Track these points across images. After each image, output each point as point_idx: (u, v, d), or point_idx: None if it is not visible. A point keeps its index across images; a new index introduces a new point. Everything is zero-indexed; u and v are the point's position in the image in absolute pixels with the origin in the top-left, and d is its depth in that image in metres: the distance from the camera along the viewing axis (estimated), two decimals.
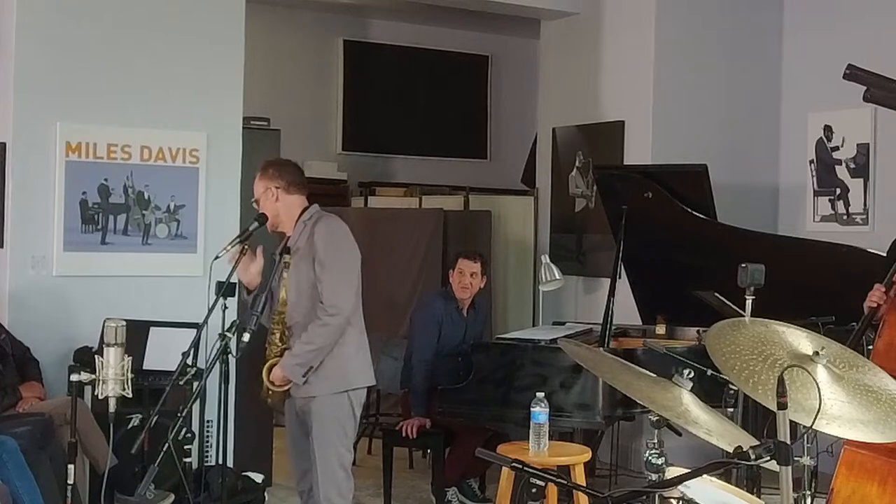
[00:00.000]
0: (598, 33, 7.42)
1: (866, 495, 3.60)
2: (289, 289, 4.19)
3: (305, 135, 8.91)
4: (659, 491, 2.50)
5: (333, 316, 4.11)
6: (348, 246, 4.27)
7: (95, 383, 4.36)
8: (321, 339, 4.12)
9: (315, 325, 4.12)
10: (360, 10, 9.26)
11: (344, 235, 4.27)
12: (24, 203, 5.62)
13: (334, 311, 4.11)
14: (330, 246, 4.18)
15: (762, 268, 4.28)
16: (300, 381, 4.14)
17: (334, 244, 4.21)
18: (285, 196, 4.28)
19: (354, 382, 4.25)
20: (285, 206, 4.29)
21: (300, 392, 4.19)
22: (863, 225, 6.78)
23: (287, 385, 4.18)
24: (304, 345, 4.13)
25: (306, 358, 4.12)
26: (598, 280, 7.11)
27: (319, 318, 4.11)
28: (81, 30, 5.74)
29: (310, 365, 4.12)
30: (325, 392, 4.17)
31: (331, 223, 4.26)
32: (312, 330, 4.12)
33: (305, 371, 4.12)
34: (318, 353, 4.13)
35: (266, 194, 4.29)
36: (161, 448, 3.75)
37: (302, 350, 4.13)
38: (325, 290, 4.12)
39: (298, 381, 4.14)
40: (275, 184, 4.28)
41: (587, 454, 5.05)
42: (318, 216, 4.28)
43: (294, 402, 4.27)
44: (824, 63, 6.74)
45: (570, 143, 7.61)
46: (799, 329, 2.58)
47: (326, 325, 4.11)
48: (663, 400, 2.67)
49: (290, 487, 6.24)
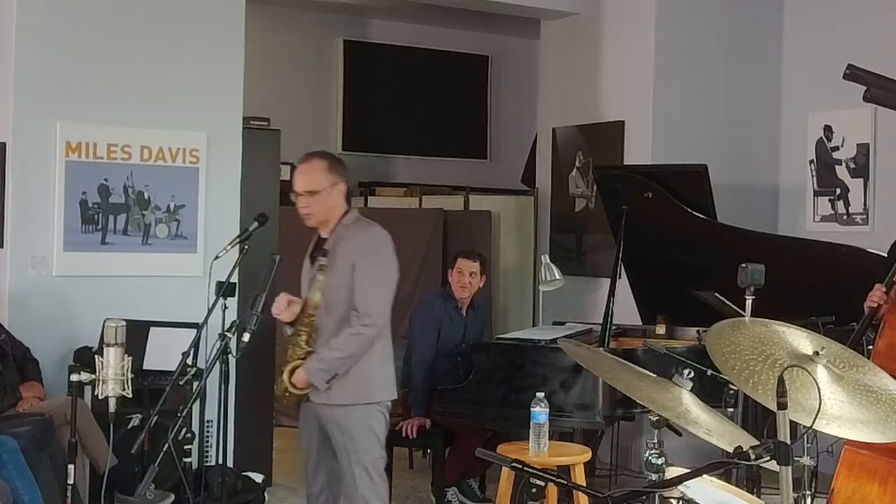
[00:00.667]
0: (598, 33, 7.42)
1: (867, 495, 3.60)
2: (322, 292, 4.05)
3: (305, 135, 8.89)
4: (659, 491, 2.50)
5: (367, 326, 3.99)
6: (389, 257, 4.13)
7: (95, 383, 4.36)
8: (351, 347, 4.00)
9: (347, 332, 4.00)
10: (360, 10, 9.26)
11: (386, 246, 4.13)
12: (24, 203, 5.62)
13: (368, 320, 3.99)
14: (373, 255, 4.06)
15: (762, 268, 4.28)
16: (323, 387, 4.01)
17: (377, 254, 4.08)
18: (342, 197, 4.14)
19: (377, 395, 4.11)
20: (339, 206, 4.13)
21: (320, 398, 4.06)
22: (863, 225, 6.78)
23: (308, 389, 4.06)
24: (332, 351, 4.00)
25: (333, 365, 4.00)
26: (598, 280, 7.11)
27: (352, 326, 3.99)
28: (81, 30, 5.74)
29: (335, 372, 4.00)
30: (346, 401, 4.04)
31: (375, 231, 4.13)
32: (343, 337, 4.00)
33: (330, 378, 4.00)
34: (345, 362, 4.01)
35: (332, 190, 4.08)
36: (161, 448, 3.75)
37: (330, 356, 4.00)
38: (362, 299, 4.00)
39: (321, 386, 4.01)
40: (344, 181, 4.13)
41: (587, 454, 5.05)
42: (360, 221, 4.15)
43: (312, 406, 4.12)
44: (824, 63, 6.74)
45: (570, 143, 7.61)
46: (799, 329, 2.58)
47: (359, 335, 3.99)
48: (663, 400, 2.67)
49: (291, 487, 6.26)
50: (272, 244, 5.84)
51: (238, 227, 5.80)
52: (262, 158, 6.32)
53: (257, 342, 4.46)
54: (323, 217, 4.10)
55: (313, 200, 4.06)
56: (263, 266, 4.16)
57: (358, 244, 4.05)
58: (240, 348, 4.03)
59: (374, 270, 4.04)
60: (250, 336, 3.96)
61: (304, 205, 4.08)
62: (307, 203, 4.07)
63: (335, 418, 4.05)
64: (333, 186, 4.08)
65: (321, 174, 4.09)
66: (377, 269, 4.06)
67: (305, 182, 4.08)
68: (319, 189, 4.06)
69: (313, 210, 4.08)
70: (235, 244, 4.29)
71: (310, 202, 4.07)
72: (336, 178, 4.09)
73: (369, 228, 4.14)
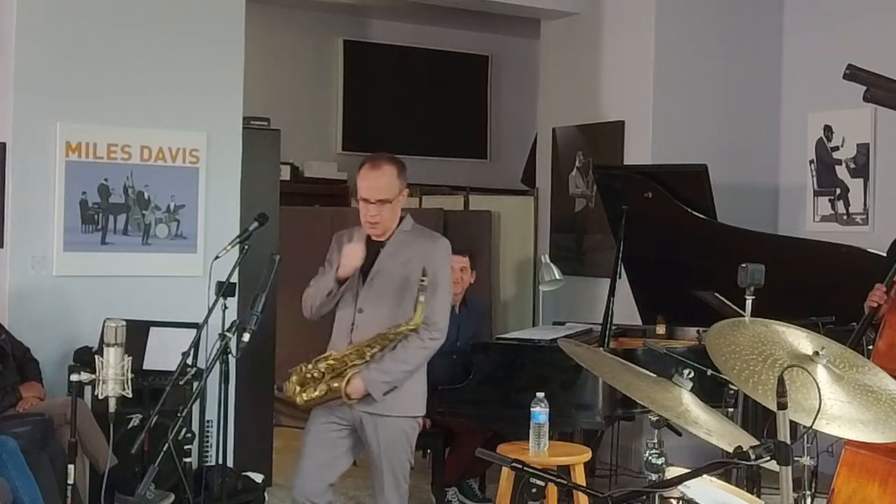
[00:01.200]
0: (598, 33, 7.42)
1: (867, 495, 3.60)
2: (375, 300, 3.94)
3: (305, 135, 8.91)
4: (659, 491, 2.50)
5: (435, 339, 3.91)
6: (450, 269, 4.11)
7: (95, 383, 4.37)
8: (417, 359, 3.92)
9: (414, 344, 3.88)
10: (360, 10, 9.26)
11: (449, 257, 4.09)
12: (24, 203, 5.62)
13: (438, 334, 3.92)
14: (445, 268, 3.98)
15: (762, 268, 4.28)
16: (380, 398, 3.88)
17: (447, 266, 4.02)
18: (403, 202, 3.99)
19: (420, 409, 4.06)
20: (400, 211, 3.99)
21: (366, 406, 3.91)
22: (863, 225, 6.78)
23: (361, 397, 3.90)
24: (398, 363, 3.88)
25: (396, 377, 3.88)
26: (598, 280, 7.11)
27: (421, 339, 3.88)
28: (81, 30, 5.74)
29: (396, 385, 3.89)
30: (395, 413, 3.93)
31: (443, 243, 4.03)
32: (411, 349, 3.88)
33: (389, 389, 3.88)
34: (409, 375, 3.92)
35: (400, 197, 3.93)
36: (161, 448, 3.75)
37: (395, 368, 3.87)
38: (433, 311, 3.87)
39: (379, 397, 3.87)
40: (405, 186, 3.97)
41: (587, 454, 5.05)
42: (418, 227, 4.03)
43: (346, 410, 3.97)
44: (824, 63, 6.74)
45: (570, 143, 7.61)
46: (799, 329, 2.58)
47: (426, 348, 3.91)
48: (663, 400, 2.67)
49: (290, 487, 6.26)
50: (272, 244, 5.84)
51: (238, 227, 5.80)
52: (262, 158, 6.32)
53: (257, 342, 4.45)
54: (391, 226, 3.95)
55: (385, 209, 3.88)
56: (263, 266, 4.16)
57: (431, 255, 3.94)
58: (240, 348, 4.03)
59: (445, 284, 3.96)
60: (250, 336, 3.96)
61: (375, 213, 3.87)
62: (378, 212, 3.87)
63: (378, 428, 3.93)
64: (401, 192, 3.93)
65: (393, 181, 3.88)
66: (447, 282, 3.99)
67: (378, 190, 3.85)
68: (392, 198, 3.87)
69: (384, 219, 3.91)
70: (235, 244, 4.29)
71: (381, 211, 3.87)
72: (404, 183, 3.94)
73: (437, 239, 4.04)
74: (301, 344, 8.01)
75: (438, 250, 3.97)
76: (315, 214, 8.35)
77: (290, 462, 6.74)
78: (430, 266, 3.89)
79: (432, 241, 4.00)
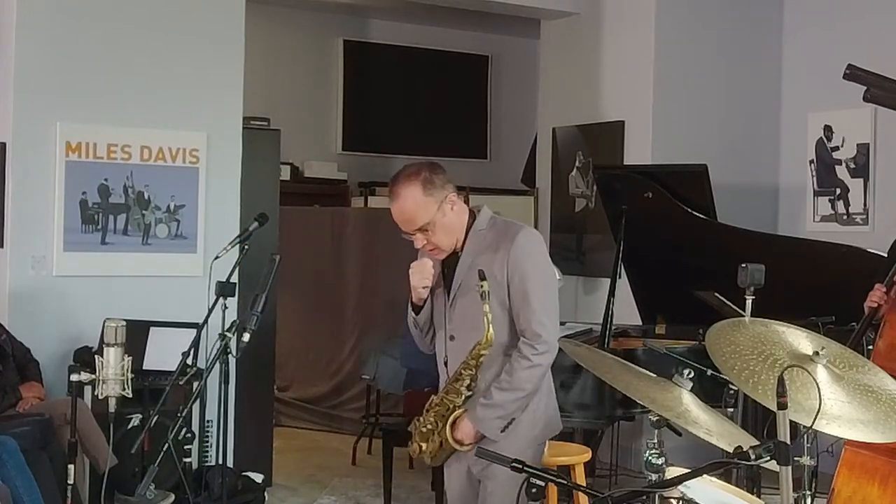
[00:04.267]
0: (598, 33, 7.42)
1: (867, 496, 3.60)
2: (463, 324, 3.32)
3: (305, 135, 8.90)
4: (659, 491, 2.50)
5: (544, 354, 3.27)
6: (550, 266, 3.43)
7: (95, 383, 4.38)
8: (530, 382, 3.26)
9: (520, 365, 3.24)
10: (360, 10, 9.26)
11: (545, 253, 3.41)
12: (24, 203, 5.62)
13: (545, 347, 3.26)
14: (537, 267, 3.31)
15: (762, 268, 4.28)
16: (498, 438, 3.24)
17: (541, 265, 3.34)
18: (459, 202, 3.35)
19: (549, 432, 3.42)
20: (460, 218, 3.35)
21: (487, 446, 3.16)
22: (863, 225, 6.78)
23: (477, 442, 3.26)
24: (506, 392, 3.24)
25: (510, 408, 3.25)
26: (598, 280, 7.11)
27: (526, 358, 3.24)
28: (81, 30, 5.74)
29: (513, 417, 3.26)
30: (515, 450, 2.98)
31: (532, 237, 3.35)
32: (517, 372, 3.24)
33: (507, 424, 3.25)
34: (524, 402, 3.28)
35: (443, 210, 3.29)
36: (161, 448, 3.75)
37: (505, 399, 3.24)
38: (533, 320, 3.25)
39: (496, 437, 3.24)
40: (448, 190, 3.31)
41: (587, 454, 5.04)
42: (499, 223, 3.39)
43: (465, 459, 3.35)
44: (824, 63, 6.74)
45: (570, 143, 7.61)
46: (799, 329, 2.58)
47: (537, 366, 3.26)
48: (663, 400, 2.67)
49: (291, 487, 6.26)
50: (272, 244, 5.85)
51: (238, 227, 5.80)
52: (262, 158, 6.32)
53: (257, 342, 4.45)
54: (452, 241, 3.34)
55: (432, 234, 3.30)
56: (263, 266, 4.16)
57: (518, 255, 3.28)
58: (240, 348, 4.03)
59: (542, 286, 3.31)
60: (250, 336, 3.96)
61: (424, 242, 3.32)
62: (426, 238, 3.31)
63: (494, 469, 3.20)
64: (443, 205, 3.29)
65: (420, 202, 3.27)
66: (545, 283, 3.33)
67: (408, 221, 3.29)
68: (429, 219, 3.28)
69: (436, 242, 3.32)
70: (235, 244, 4.29)
71: (428, 237, 3.31)
72: (439, 194, 3.28)
73: (526, 234, 3.33)
74: (301, 344, 8.06)
75: (516, 250, 3.28)
76: (315, 214, 8.36)
77: (290, 462, 6.78)
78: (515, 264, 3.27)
79: (520, 237, 3.30)
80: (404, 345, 6.23)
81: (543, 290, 3.31)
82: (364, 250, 7.94)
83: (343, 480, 6.48)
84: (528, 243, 3.30)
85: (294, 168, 8.70)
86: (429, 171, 3.30)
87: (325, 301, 8.05)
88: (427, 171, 3.30)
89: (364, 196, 9.04)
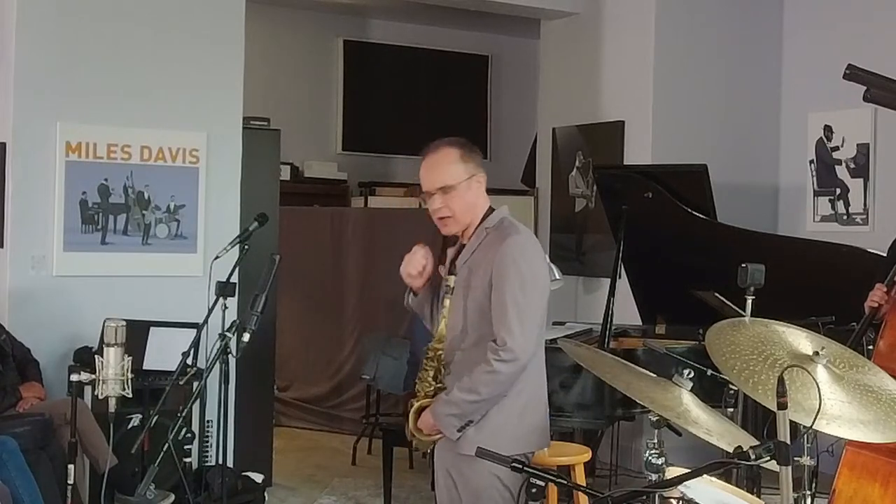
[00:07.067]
0: (598, 33, 7.42)
1: (868, 496, 3.60)
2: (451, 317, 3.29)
3: (305, 135, 8.91)
4: (659, 491, 2.50)
5: (507, 362, 3.15)
6: (541, 274, 3.31)
7: (95, 383, 4.38)
8: (487, 388, 3.17)
9: (481, 369, 3.17)
10: (360, 10, 9.26)
11: (537, 260, 3.31)
12: (24, 203, 5.62)
13: (509, 356, 3.15)
14: (519, 274, 3.20)
15: (762, 268, 4.27)
16: (453, 437, 3.22)
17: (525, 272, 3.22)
18: (482, 190, 3.35)
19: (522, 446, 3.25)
20: (481, 204, 3.35)
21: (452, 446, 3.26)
22: (863, 225, 6.78)
23: (437, 436, 3.28)
24: (464, 393, 3.19)
25: (465, 409, 3.19)
26: (598, 280, 7.11)
27: (487, 362, 3.16)
28: (81, 30, 5.74)
29: (469, 419, 3.21)
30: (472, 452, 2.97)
31: (520, 243, 3.27)
32: (478, 376, 3.17)
33: (462, 425, 3.21)
34: (481, 406, 3.20)
35: (470, 183, 3.30)
36: (161, 448, 3.75)
37: (460, 398, 3.19)
38: (501, 327, 3.17)
39: (451, 435, 3.22)
40: (481, 172, 3.33)
41: (587, 454, 5.04)
42: (508, 227, 3.33)
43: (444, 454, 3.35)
44: (824, 63, 6.74)
45: (570, 143, 7.61)
46: (799, 329, 2.58)
47: (496, 373, 3.16)
48: (663, 400, 2.67)
49: (290, 487, 6.26)
50: (272, 244, 5.85)
51: (238, 227, 5.80)
52: (262, 158, 6.32)
53: (257, 342, 4.45)
54: (466, 219, 3.31)
55: (451, 199, 3.27)
56: (263, 266, 4.16)
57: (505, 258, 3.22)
58: (240, 348, 4.03)
59: (519, 292, 3.19)
60: (250, 336, 3.96)
61: (439, 206, 3.28)
62: (443, 203, 3.27)
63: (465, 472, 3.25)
64: (472, 178, 3.30)
65: (454, 164, 3.28)
66: (524, 290, 3.20)
67: (436, 177, 3.28)
68: (454, 183, 3.26)
69: (452, 209, 3.29)
70: (235, 244, 4.29)
71: (446, 202, 3.27)
72: (473, 169, 3.30)
73: (519, 238, 3.28)
74: (301, 344, 8.06)
75: (501, 255, 3.22)
76: (315, 214, 8.36)
77: (290, 462, 6.78)
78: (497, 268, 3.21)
79: (513, 240, 3.26)
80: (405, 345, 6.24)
81: (523, 298, 3.20)
82: (364, 250, 7.94)
83: (343, 480, 6.48)
84: (513, 250, 3.24)
85: (294, 168, 8.70)
86: (470, 147, 3.35)
87: (325, 301, 8.05)
88: (470, 145, 3.35)
89: (364, 196, 9.05)
